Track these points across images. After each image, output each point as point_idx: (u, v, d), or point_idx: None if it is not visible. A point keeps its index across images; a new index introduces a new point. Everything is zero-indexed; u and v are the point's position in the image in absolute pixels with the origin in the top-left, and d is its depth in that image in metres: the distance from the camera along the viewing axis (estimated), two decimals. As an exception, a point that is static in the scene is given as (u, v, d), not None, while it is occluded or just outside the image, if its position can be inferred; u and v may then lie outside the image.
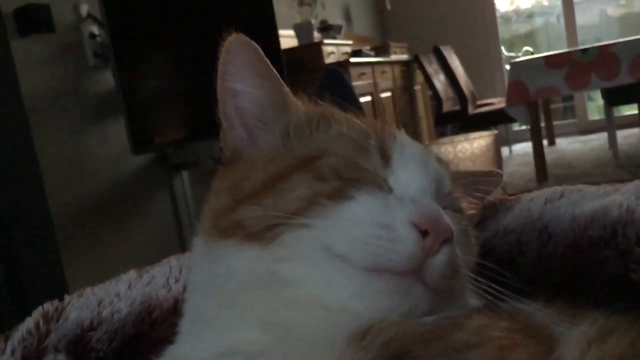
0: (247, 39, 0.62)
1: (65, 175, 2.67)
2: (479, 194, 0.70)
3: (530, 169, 4.81)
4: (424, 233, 0.51)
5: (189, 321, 0.62)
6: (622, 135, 5.35)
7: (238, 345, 0.52)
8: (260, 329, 0.53)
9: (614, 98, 4.67)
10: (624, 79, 4.05)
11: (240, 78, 0.63)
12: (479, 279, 0.56)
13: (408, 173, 0.58)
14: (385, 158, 0.59)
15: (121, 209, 2.96)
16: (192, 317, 0.62)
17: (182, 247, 3.21)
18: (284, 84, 0.65)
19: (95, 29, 2.92)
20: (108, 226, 2.86)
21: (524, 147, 6.22)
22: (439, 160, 0.65)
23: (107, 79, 2.91)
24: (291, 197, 0.55)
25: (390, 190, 0.57)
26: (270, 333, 0.52)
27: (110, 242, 2.84)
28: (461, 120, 5.40)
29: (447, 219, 0.53)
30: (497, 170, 0.76)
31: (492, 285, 0.55)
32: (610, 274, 0.62)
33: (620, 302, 0.58)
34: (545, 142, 5.49)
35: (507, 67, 5.92)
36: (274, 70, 0.63)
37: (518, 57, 6.34)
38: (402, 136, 0.63)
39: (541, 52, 6.03)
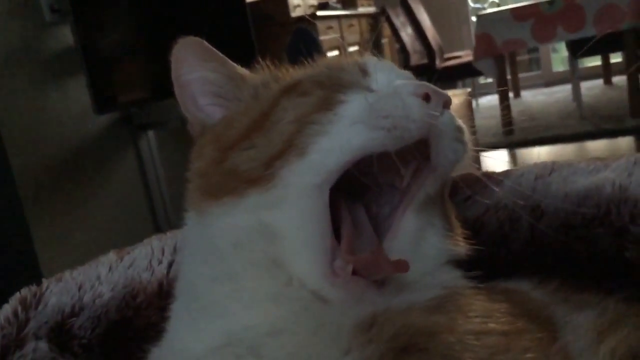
0: (191, 37, 0.64)
1: (25, 137, 2.57)
2: None
3: (496, 122, 4.82)
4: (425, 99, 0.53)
5: (181, 303, 0.60)
6: (585, 86, 5.40)
7: (239, 333, 0.51)
8: (267, 300, 0.52)
9: (578, 50, 4.69)
10: (589, 31, 4.06)
11: (191, 69, 0.64)
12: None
13: (387, 76, 0.60)
14: (363, 70, 0.61)
15: (86, 170, 2.88)
16: (185, 297, 0.60)
17: (150, 208, 3.16)
18: (233, 63, 0.67)
19: (50, -17, 2.77)
20: (73, 189, 2.78)
21: (490, 100, 6.24)
22: None
23: (65, 36, 2.78)
24: (282, 125, 0.55)
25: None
26: (279, 305, 0.51)
27: (76, 204, 2.77)
28: (429, 74, 5.37)
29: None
30: None
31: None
32: (604, 252, 0.62)
33: (614, 281, 0.58)
34: (510, 94, 5.52)
35: (474, 19, 5.90)
36: (221, 54, 0.66)
37: (484, 9, 6.30)
38: (374, 57, 0.65)
39: (507, 4, 6.00)
